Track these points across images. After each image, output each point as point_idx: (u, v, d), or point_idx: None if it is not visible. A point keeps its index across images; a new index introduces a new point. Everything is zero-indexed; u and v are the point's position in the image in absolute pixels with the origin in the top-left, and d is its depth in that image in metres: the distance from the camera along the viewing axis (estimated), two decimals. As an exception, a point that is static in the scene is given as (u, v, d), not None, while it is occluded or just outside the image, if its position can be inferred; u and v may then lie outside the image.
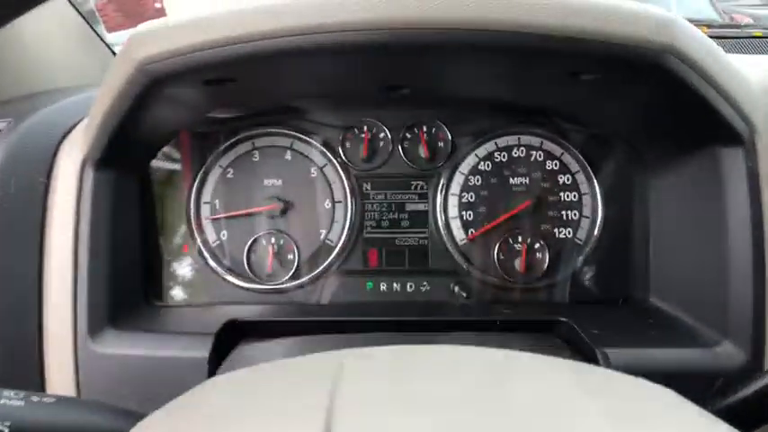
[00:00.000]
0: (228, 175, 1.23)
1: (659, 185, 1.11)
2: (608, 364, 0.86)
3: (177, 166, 1.23)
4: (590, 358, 0.88)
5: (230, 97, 1.02)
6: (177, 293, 1.20)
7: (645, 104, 0.96)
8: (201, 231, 1.22)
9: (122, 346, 0.97)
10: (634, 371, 0.87)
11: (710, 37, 1.41)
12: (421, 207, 1.24)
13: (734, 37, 2.01)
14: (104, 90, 0.89)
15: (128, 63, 0.82)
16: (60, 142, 1.04)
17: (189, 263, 1.22)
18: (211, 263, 1.21)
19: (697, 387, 0.89)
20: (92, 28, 1.67)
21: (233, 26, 0.78)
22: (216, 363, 0.91)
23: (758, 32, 2.11)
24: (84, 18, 1.64)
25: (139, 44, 0.82)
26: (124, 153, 1.02)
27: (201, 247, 1.22)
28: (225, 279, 1.21)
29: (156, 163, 1.18)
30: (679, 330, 1.00)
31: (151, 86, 0.84)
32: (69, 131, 1.06)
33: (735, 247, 0.92)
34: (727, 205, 0.93)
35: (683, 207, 1.05)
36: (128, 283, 1.08)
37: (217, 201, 1.23)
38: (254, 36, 0.78)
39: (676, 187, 1.07)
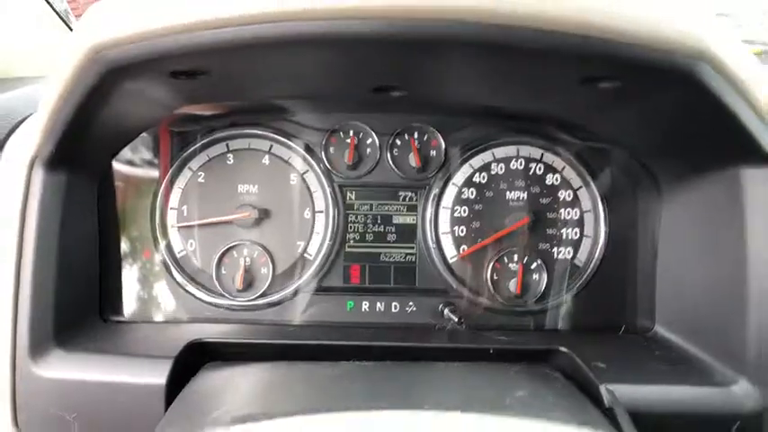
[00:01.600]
0: (199, 180, 1.12)
1: (670, 206, 1.03)
2: (614, 403, 0.77)
3: (142, 168, 1.11)
4: (591, 394, 0.80)
5: (201, 93, 0.91)
6: (136, 308, 1.08)
7: (665, 117, 0.88)
8: (167, 240, 1.11)
9: (69, 369, 0.86)
10: (642, 411, 0.80)
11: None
12: (409, 220, 1.14)
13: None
14: (54, 79, 0.78)
15: (79, 49, 0.71)
16: (7, 137, 0.92)
17: (151, 275, 1.10)
18: (176, 275, 1.10)
19: (711, 430, 0.83)
20: (66, 24, 1.58)
21: (204, 8, 0.67)
22: (175, 389, 0.81)
23: (756, 50, 2.09)
24: (57, 13, 1.55)
25: (93, 27, 0.71)
26: (79, 152, 0.91)
27: (166, 258, 1.11)
28: (191, 293, 1.10)
29: (117, 163, 1.07)
30: (689, 365, 0.92)
31: (107, 77, 0.73)
32: (19, 124, 0.94)
33: (755, 277, 0.84)
34: (749, 230, 0.85)
35: (697, 230, 0.97)
36: (79, 297, 0.97)
37: (185, 207, 1.12)
38: (230, 21, 0.67)
39: (690, 208, 0.98)
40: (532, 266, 1.12)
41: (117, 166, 1.07)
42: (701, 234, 0.95)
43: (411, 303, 1.12)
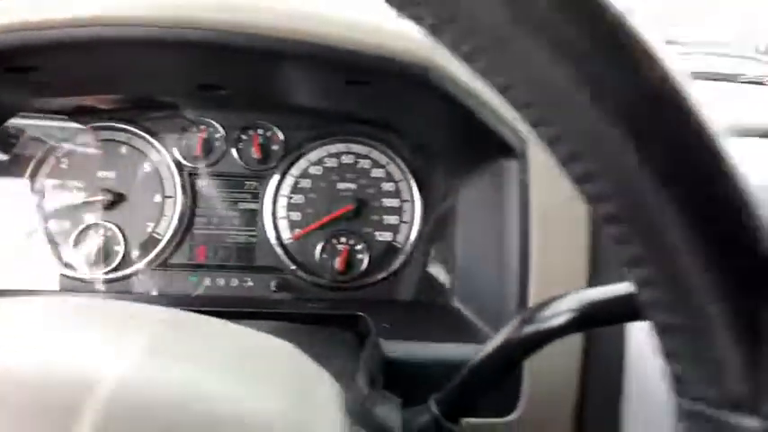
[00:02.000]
0: (62, 166, 1.25)
1: (466, 195, 1.19)
2: (378, 353, 0.92)
3: (12, 152, 1.24)
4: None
5: (43, 87, 1.05)
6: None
7: (437, 120, 1.04)
8: (31, 220, 1.24)
9: None
10: (404, 360, 0.95)
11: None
12: (252, 206, 1.29)
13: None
14: None
15: None
16: None
17: (15, 250, 1.23)
18: (38, 251, 1.23)
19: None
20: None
21: (28, 10, 0.81)
22: None
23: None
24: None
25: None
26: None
27: (29, 236, 1.23)
28: (50, 267, 1.22)
29: (-13, 149, 1.20)
30: (465, 329, 1.07)
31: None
32: None
33: (508, 254, 1.00)
34: (505, 216, 1.00)
35: (482, 216, 1.13)
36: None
37: (49, 190, 1.24)
38: (43, 24, 0.81)
39: (477, 198, 1.15)
40: (357, 247, 1.27)
41: (-14, 151, 1.20)
42: (484, 219, 1.11)
43: (248, 279, 1.26)
